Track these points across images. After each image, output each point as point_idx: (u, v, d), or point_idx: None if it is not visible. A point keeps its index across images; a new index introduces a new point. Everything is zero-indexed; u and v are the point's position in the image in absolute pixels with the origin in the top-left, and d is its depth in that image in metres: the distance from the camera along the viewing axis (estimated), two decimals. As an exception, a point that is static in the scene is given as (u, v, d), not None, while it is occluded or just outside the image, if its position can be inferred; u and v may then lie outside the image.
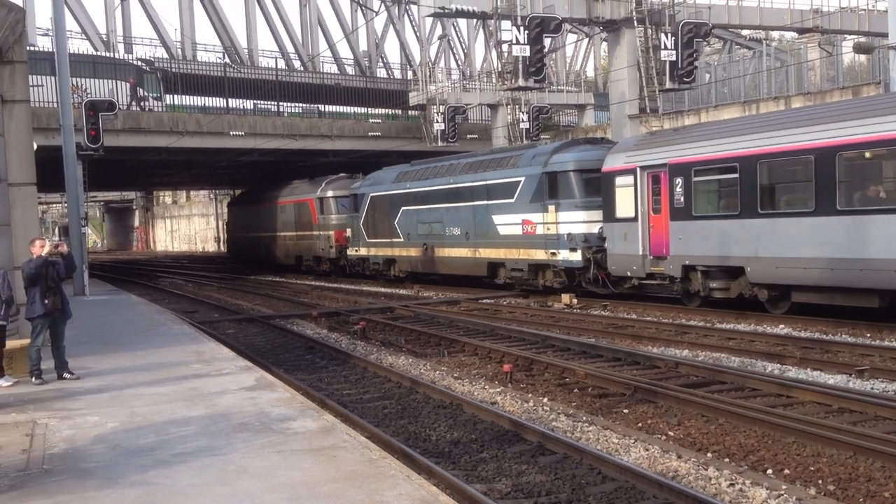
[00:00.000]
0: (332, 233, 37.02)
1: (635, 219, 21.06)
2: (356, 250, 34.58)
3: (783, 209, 17.81)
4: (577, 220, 23.28)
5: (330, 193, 37.67)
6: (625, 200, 21.42)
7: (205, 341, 15.75)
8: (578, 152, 24.33)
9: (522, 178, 25.07)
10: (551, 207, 23.89)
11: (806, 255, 17.00)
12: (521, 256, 25.21)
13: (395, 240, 31.88)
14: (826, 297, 17.22)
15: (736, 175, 18.46)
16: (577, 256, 23.05)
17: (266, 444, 8.11)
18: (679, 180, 19.98)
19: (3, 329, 11.62)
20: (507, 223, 25.66)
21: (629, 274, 21.58)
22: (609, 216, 22.05)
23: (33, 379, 11.67)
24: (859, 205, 16.17)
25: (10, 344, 12.05)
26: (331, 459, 7.53)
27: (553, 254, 23.83)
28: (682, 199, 19.93)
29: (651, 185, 20.75)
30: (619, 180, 21.61)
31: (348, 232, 35.38)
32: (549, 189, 24.04)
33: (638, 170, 21.02)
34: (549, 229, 23.90)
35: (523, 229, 24.97)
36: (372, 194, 33.48)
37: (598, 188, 22.59)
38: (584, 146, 25.10)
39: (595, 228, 22.78)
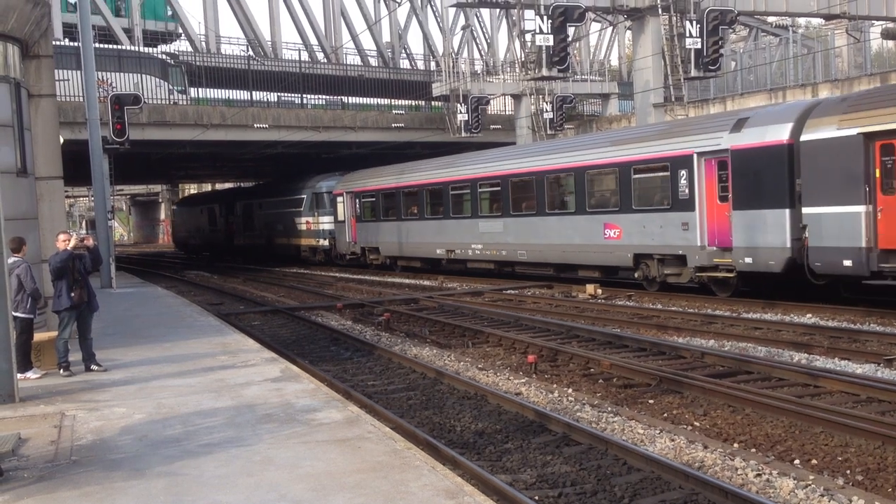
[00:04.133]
0: (223, 230, 55.02)
1: (345, 221, 37.60)
2: (238, 241, 52.58)
3: (389, 217, 34.27)
4: (327, 222, 39.88)
5: (221, 201, 56.42)
6: (342, 211, 37.88)
7: (230, 333, 15.84)
8: (328, 181, 40.59)
9: (305, 196, 41.91)
10: (316, 214, 40.68)
11: (394, 240, 33.83)
12: (308, 243, 42.07)
13: (254, 233, 49.61)
14: (408, 261, 33.58)
15: (375, 199, 35.34)
16: (326, 243, 40.14)
17: (291, 435, 8.15)
18: (357, 200, 36.71)
19: (31, 322, 11.73)
20: (302, 223, 42.19)
21: (345, 252, 37.89)
22: (336, 220, 38.64)
23: (61, 371, 11.79)
24: (406, 217, 33.13)
25: (38, 336, 12.18)
26: (356, 450, 7.55)
27: (318, 241, 40.90)
28: (359, 211, 36.59)
29: (350, 202, 37.13)
30: (339, 199, 38.21)
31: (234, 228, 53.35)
32: (315, 203, 40.80)
33: (345, 193, 37.62)
34: (316, 227, 40.77)
35: (307, 227, 41.57)
36: (244, 202, 51.55)
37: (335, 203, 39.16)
38: (335, 176, 40.55)
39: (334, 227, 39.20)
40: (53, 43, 18.21)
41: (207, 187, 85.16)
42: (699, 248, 20.12)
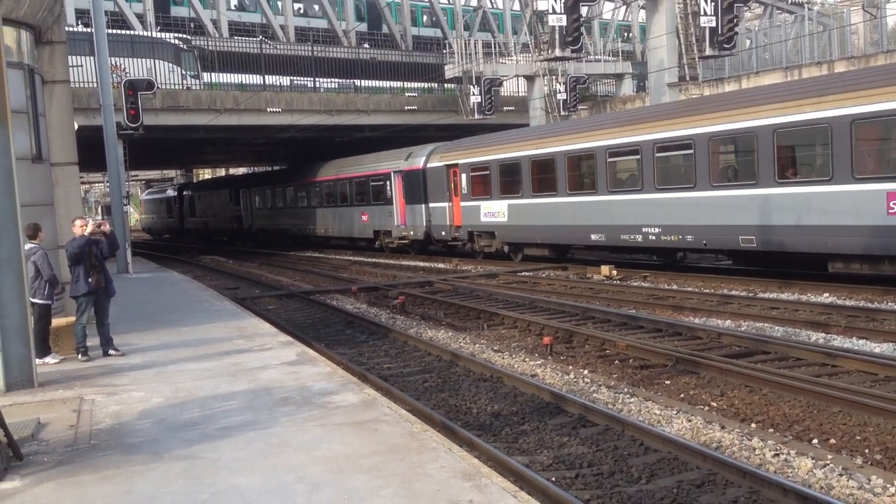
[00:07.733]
0: (177, 216, 68.05)
1: (248, 209, 50.96)
2: (187, 224, 65.19)
3: (268, 206, 48.47)
4: (237, 210, 53.39)
5: (174, 194, 69.28)
6: (244, 202, 51.32)
7: (246, 317, 15.90)
8: (242, 182, 55.04)
9: (225, 191, 56.38)
10: (231, 204, 54.06)
11: (271, 223, 48.65)
12: (226, 226, 55.71)
13: (197, 219, 62.42)
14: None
15: (262, 195, 49.39)
16: (237, 225, 53.48)
17: (308, 418, 8.18)
18: (255, 196, 50.51)
19: (49, 308, 11.80)
20: (223, 210, 56.17)
21: (247, 230, 51.85)
22: (242, 208, 52.15)
23: (79, 356, 11.87)
24: (278, 207, 47.73)
25: (56, 322, 12.26)
26: (372, 433, 7.57)
27: (233, 224, 54.18)
28: (255, 202, 50.16)
29: (250, 196, 50.99)
30: (242, 193, 52.56)
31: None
32: (232, 196, 53.98)
33: (247, 191, 51.94)
34: (231, 214, 54.12)
35: (227, 214, 55.24)
36: (189, 195, 64.71)
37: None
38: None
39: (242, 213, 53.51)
40: (66, 29, 18.23)
41: (221, 172, 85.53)
42: (397, 226, 34.24)
